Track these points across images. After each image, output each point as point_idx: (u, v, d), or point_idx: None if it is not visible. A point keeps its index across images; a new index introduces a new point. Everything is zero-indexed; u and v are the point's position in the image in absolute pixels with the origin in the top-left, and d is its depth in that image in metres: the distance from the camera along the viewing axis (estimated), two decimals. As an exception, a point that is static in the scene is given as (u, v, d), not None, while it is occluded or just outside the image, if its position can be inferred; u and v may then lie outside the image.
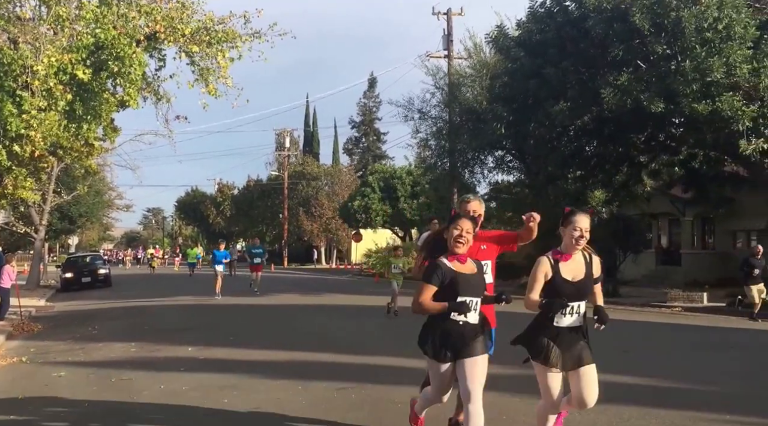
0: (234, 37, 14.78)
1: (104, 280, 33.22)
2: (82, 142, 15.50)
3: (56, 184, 34.32)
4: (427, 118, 30.48)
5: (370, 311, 18.69)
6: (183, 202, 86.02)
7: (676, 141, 19.90)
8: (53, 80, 12.78)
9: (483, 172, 29.67)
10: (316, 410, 7.08)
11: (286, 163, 65.40)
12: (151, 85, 15.43)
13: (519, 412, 6.78)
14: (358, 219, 48.45)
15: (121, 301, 22.96)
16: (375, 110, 77.05)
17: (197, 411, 7.22)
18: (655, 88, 16.10)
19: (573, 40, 18.65)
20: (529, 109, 20.24)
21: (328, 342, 12.01)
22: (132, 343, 12.56)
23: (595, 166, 21.83)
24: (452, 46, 32.35)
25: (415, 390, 7.81)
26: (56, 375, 9.72)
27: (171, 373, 9.44)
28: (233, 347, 11.63)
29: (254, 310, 18.71)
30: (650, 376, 8.62)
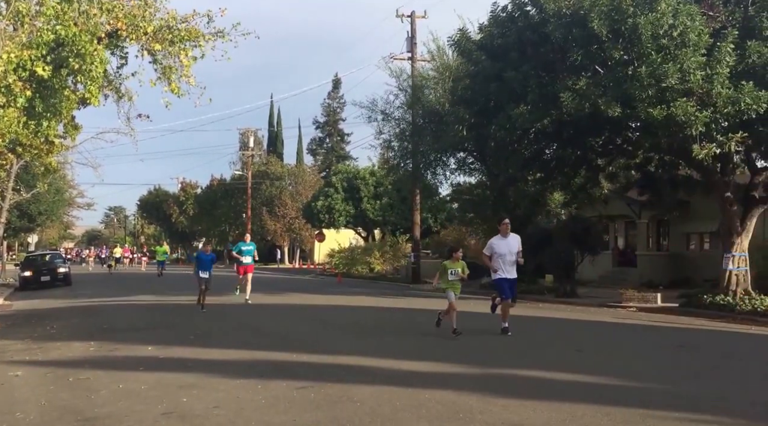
0: (197, 35, 14.74)
1: (64, 279, 32.75)
2: (41, 139, 15.31)
3: (15, 181, 33.74)
4: (390, 119, 30.68)
5: (332, 311, 18.78)
6: (145, 201, 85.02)
7: (632, 145, 20.29)
8: (12, 77, 12.62)
9: (445, 173, 29.99)
10: (275, 409, 7.16)
11: (249, 163, 65.02)
12: (113, 83, 15.32)
13: (475, 410, 6.94)
14: (322, 219, 48.45)
15: (80, 300, 22.68)
16: (339, 111, 77.16)
17: (155, 410, 7.24)
18: (613, 93, 16.41)
19: (533, 44, 18.92)
20: (490, 111, 20.46)
21: (290, 341, 12.07)
22: (91, 342, 12.46)
23: (554, 169, 22.16)
24: (416, 49, 32.61)
25: (374, 389, 7.95)
26: (12, 374, 9.62)
27: (130, 372, 9.43)
28: (193, 346, 11.62)
29: (216, 309, 18.65)
30: (603, 375, 8.87)
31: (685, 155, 17.80)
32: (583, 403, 7.16)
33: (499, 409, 6.99)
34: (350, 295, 23.73)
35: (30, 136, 14.35)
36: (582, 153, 21.04)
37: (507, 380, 8.57)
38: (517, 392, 7.70)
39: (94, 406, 7.52)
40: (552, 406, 7.10)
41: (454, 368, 9.35)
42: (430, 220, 43.58)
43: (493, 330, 12.94)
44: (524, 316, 16.50)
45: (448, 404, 7.21)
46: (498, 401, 7.31)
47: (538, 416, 6.71)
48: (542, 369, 9.17)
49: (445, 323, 12.52)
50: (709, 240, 26.27)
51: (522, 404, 7.15)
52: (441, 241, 43.47)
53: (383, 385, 8.18)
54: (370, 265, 40.16)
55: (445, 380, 8.49)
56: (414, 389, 7.92)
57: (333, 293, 24.81)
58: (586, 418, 6.66)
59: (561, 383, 8.43)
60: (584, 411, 6.90)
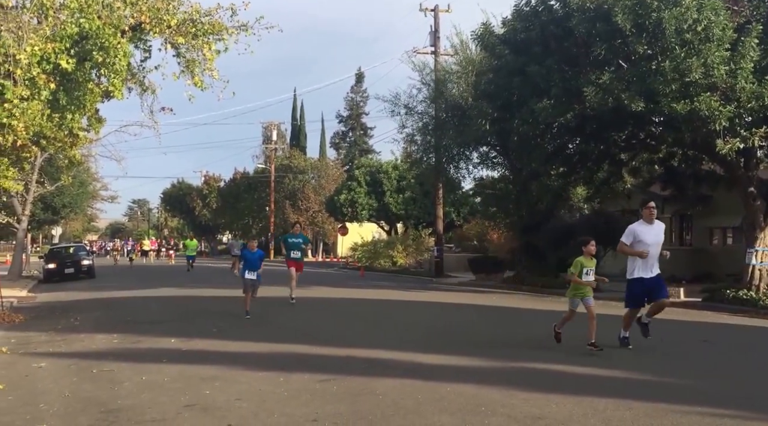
0: (220, 29, 14.78)
1: (87, 272, 33.11)
2: (65, 132, 15.46)
3: (39, 174, 34.14)
4: (413, 113, 30.60)
5: (354, 304, 18.80)
6: (169, 194, 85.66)
7: (655, 139, 20.09)
8: (36, 69, 12.73)
9: (468, 167, 29.89)
10: (297, 401, 7.18)
11: (272, 156, 65.31)
12: (136, 76, 15.41)
13: (497, 404, 6.91)
14: (344, 212, 48.51)
15: (104, 293, 22.92)
16: (362, 105, 77.17)
17: (178, 402, 7.29)
18: (636, 88, 16.25)
19: (557, 38, 18.77)
20: (513, 106, 20.37)
21: (311, 334, 12.10)
22: (114, 334, 12.58)
23: (577, 163, 22.01)
24: (439, 43, 32.52)
25: (396, 382, 7.95)
26: (37, 366, 9.74)
27: (153, 364, 9.50)
28: (215, 339, 11.69)
29: (238, 302, 18.75)
30: (625, 369, 8.79)
31: (709, 150, 17.59)
32: (605, 397, 7.11)
33: (521, 402, 6.96)
34: (373, 289, 23.76)
35: (54, 128, 14.48)
36: (605, 147, 20.89)
37: (529, 374, 8.53)
38: (539, 386, 7.67)
39: (117, 397, 7.60)
40: (574, 399, 7.05)
41: (476, 362, 9.32)
42: (452, 214, 43.47)
43: (515, 323, 12.85)
44: (546, 310, 16.43)
45: (469, 397, 7.20)
46: (520, 394, 7.27)
47: (560, 410, 6.67)
48: (564, 363, 9.12)
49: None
50: (732, 235, 25.94)
51: (544, 398, 7.11)
52: (464, 235, 43.36)
53: (405, 378, 8.17)
54: (392, 258, 40.16)
55: (467, 373, 8.47)
56: (436, 382, 7.91)
57: (355, 286, 24.85)
58: (608, 411, 6.61)
59: (582, 377, 8.37)
60: (606, 405, 6.85)
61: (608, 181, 23.15)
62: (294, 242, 17.64)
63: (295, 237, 17.83)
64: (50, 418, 6.76)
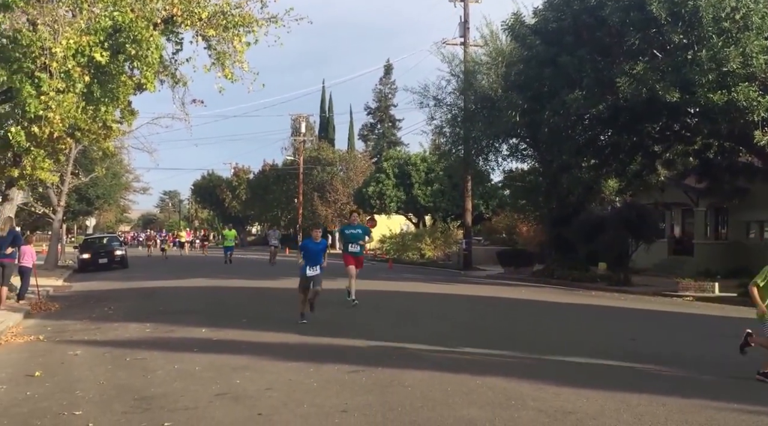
0: (250, 21, 14.84)
1: (121, 262, 33.58)
2: (99, 124, 15.64)
3: (74, 165, 34.66)
4: (442, 105, 30.48)
5: (382, 296, 18.81)
6: (199, 186, 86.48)
7: (690, 131, 19.81)
8: (71, 62, 12.90)
9: (497, 159, 29.75)
10: (326, 392, 7.21)
11: (301, 148, 65.53)
12: (168, 69, 15.54)
13: (527, 397, 6.87)
14: (373, 205, 48.53)
15: (136, 283, 23.22)
16: (390, 97, 77.06)
17: (210, 390, 7.37)
18: (671, 78, 16.02)
19: (589, 28, 18.56)
20: (544, 97, 20.20)
21: (341, 326, 12.13)
22: (147, 323, 12.74)
23: (609, 155, 21.79)
24: (468, 34, 32.29)
25: (425, 374, 7.94)
26: (72, 353, 9.91)
27: (184, 353, 9.60)
28: (246, 329, 11.78)
29: (267, 293, 18.89)
30: (658, 364, 8.69)
31: (746, 141, 17.29)
32: (637, 392, 7.03)
33: (552, 396, 6.91)
34: (401, 281, 23.76)
35: (88, 120, 14.66)
36: (638, 139, 20.66)
37: (559, 368, 8.46)
38: (570, 380, 7.60)
39: (150, 385, 7.69)
40: (605, 394, 6.98)
41: (505, 355, 9.28)
42: (481, 207, 43.28)
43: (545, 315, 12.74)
44: (576, 304, 16.31)
45: (499, 390, 7.16)
46: (550, 389, 7.22)
47: (591, 405, 6.61)
48: (595, 357, 9.04)
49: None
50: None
51: (575, 392, 7.05)
52: (493, 228, 43.15)
53: (434, 370, 8.16)
54: (420, 251, 40.12)
55: (497, 367, 8.43)
56: (465, 375, 7.88)
57: (384, 279, 24.85)
58: (641, 407, 6.53)
59: (615, 371, 8.29)
60: (639, 400, 6.77)
61: (641, 173, 22.88)
62: (353, 234, 15.16)
63: (353, 228, 15.30)
64: (86, 405, 6.87)
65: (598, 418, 6.17)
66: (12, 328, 12.60)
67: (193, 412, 6.54)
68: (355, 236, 15.11)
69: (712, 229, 28.70)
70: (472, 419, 6.14)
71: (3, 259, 15.69)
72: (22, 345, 10.98)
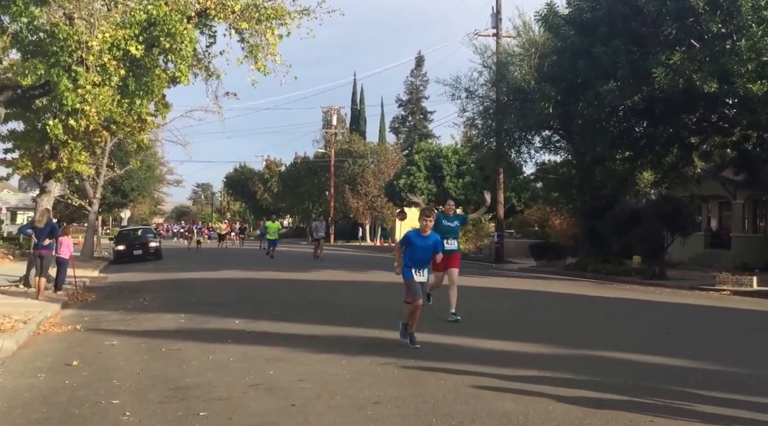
0: (283, 13, 14.87)
1: (155, 253, 34.04)
2: (134, 117, 15.84)
3: (109, 158, 35.18)
4: (474, 97, 30.29)
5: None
6: (231, 178, 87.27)
7: (728, 122, 19.43)
8: (107, 56, 13.06)
9: (529, 151, 29.50)
10: (359, 384, 7.21)
11: (332, 141, 65.72)
12: (202, 62, 15.65)
13: (562, 390, 6.80)
14: (404, 197, 48.50)
15: (170, 274, 23.49)
16: (422, 89, 76.92)
17: (243, 381, 7.42)
18: (709, 68, 15.72)
19: (624, 18, 18.29)
20: (577, 88, 19.97)
21: (373, 318, 12.13)
22: (181, 314, 12.88)
23: (645, 147, 21.48)
24: (501, 25, 32.03)
25: (457, 366, 7.91)
26: (109, 343, 10.05)
27: (218, 344, 9.68)
28: (278, 321, 11.85)
29: (300, 285, 18.97)
30: (693, 359, 8.54)
31: (787, 133, 16.92)
32: (672, 386, 6.93)
33: (586, 390, 6.83)
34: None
35: (123, 114, 14.85)
36: (674, 130, 20.33)
37: (593, 362, 8.37)
38: (603, 374, 7.51)
39: (185, 376, 7.77)
40: (641, 389, 6.89)
41: (538, 348, 9.21)
42: (513, 200, 43.00)
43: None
44: (611, 298, 16.12)
45: (534, 384, 7.10)
46: (587, 382, 7.14)
47: (628, 399, 6.53)
48: (629, 351, 8.93)
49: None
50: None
51: (611, 386, 6.97)
52: (525, 221, 42.85)
53: (466, 363, 8.13)
54: (452, 244, 39.96)
55: (529, 360, 8.37)
56: (497, 367, 7.84)
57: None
58: (677, 402, 6.43)
59: (647, 365, 8.17)
60: (674, 395, 6.67)
61: (677, 165, 22.52)
62: (449, 227, 11.80)
63: (449, 219, 11.96)
64: (122, 394, 6.97)
65: (633, 410, 6.09)
66: (50, 318, 12.83)
67: (227, 402, 6.60)
68: (453, 230, 11.89)
69: (750, 222, 28.18)
70: (506, 412, 6.09)
71: (41, 250, 15.98)
72: (60, 335, 11.17)
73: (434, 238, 9.40)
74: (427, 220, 9.30)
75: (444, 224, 11.70)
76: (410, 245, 9.34)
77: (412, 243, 9.32)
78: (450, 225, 11.88)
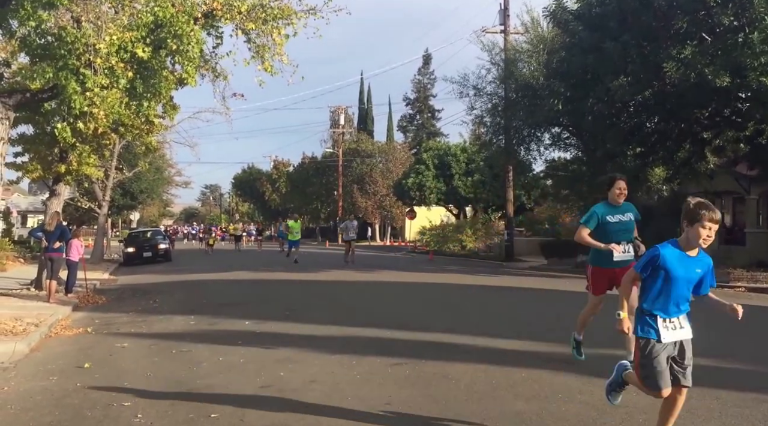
0: (289, 13, 14.80)
1: (164, 255, 34.16)
2: (142, 119, 15.82)
3: (118, 160, 35.29)
4: (482, 94, 30.14)
5: (424, 288, 18.73)
6: (239, 179, 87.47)
7: (741, 116, 19.25)
8: (115, 58, 13.04)
9: (539, 149, 29.31)
10: (370, 384, 7.16)
11: (340, 141, 65.71)
12: (209, 63, 15.61)
13: (574, 390, 6.72)
14: (412, 196, 48.41)
15: (180, 276, 23.53)
16: (429, 87, 76.77)
17: (254, 383, 7.38)
18: (721, 62, 15.57)
19: (634, 12, 18.14)
20: (587, 84, 19.84)
21: (383, 318, 12.08)
22: (191, 316, 12.87)
23: (656, 143, 21.30)
24: (509, 21, 31.88)
25: (469, 366, 7.83)
26: (120, 345, 10.05)
27: (228, 346, 9.66)
28: (288, 322, 11.81)
29: (309, 285, 18.94)
30: (709, 357, 8.39)
31: (801, 127, 16.75)
32: (693, 386, 6.81)
33: (600, 389, 6.71)
34: (443, 273, 23.65)
35: (131, 116, 14.83)
36: (686, 126, 20.15)
37: (608, 360, 8.25)
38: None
39: (196, 377, 7.74)
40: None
41: (551, 347, 9.12)
42: (523, 197, 42.83)
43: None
44: (623, 296, 15.99)
45: (546, 384, 7.03)
46: (598, 381, 7.02)
47: (641, 398, 6.41)
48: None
49: None
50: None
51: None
52: (535, 219, 42.69)
53: (478, 363, 8.05)
54: (461, 242, 39.88)
55: (542, 359, 8.29)
56: (510, 367, 7.76)
57: (425, 271, 24.78)
58: (693, 401, 6.32)
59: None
60: (689, 393, 6.55)
61: (689, 161, 22.33)
62: (620, 225, 7.42)
63: (618, 211, 7.46)
64: (134, 396, 6.94)
65: (649, 412, 5.99)
66: (61, 320, 12.84)
67: (238, 404, 6.56)
68: (625, 227, 7.42)
69: (764, 218, 27.91)
70: (518, 412, 6.03)
71: (51, 253, 16.01)
72: (71, 337, 11.18)
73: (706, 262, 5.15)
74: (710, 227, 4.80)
75: (610, 222, 7.36)
76: (666, 274, 5.06)
77: (670, 270, 5.02)
78: (621, 221, 7.41)
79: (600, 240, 7.27)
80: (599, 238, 7.28)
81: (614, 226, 7.32)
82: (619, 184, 7.44)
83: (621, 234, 7.32)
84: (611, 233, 7.29)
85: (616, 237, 7.26)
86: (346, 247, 28.61)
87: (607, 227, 7.32)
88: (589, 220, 7.40)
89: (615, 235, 7.28)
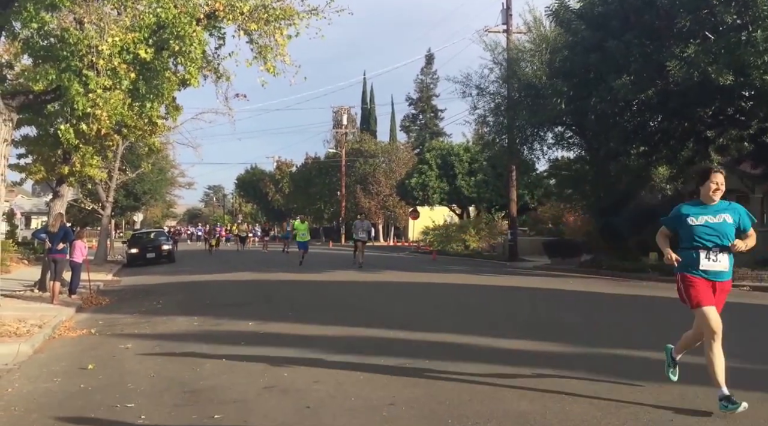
0: (292, 14, 14.79)
1: (168, 256, 34.19)
2: (145, 120, 15.84)
3: (121, 162, 35.31)
4: (485, 94, 30.12)
5: (428, 288, 18.72)
6: (243, 180, 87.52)
7: (745, 115, 19.20)
8: (117, 60, 13.05)
9: (542, 148, 29.24)
10: (373, 385, 7.15)
11: (343, 141, 65.72)
12: (211, 64, 15.60)
13: (580, 390, 6.70)
14: (416, 196, 48.42)
15: (183, 277, 23.55)
16: (432, 87, 76.78)
17: (258, 383, 7.37)
18: (724, 60, 15.53)
19: (637, 11, 18.11)
20: (590, 83, 19.82)
21: (387, 319, 12.07)
22: (194, 317, 12.87)
23: (659, 142, 21.26)
24: (511, 20, 31.88)
25: (473, 366, 7.82)
26: (123, 347, 10.05)
27: (232, 346, 9.65)
28: (291, 322, 11.81)
29: (313, 286, 18.94)
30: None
31: (805, 125, 16.71)
32: (695, 385, 6.79)
33: (605, 390, 6.72)
34: (447, 273, 23.63)
35: (134, 117, 14.85)
36: (689, 124, 20.10)
37: (613, 361, 8.25)
38: (625, 373, 7.38)
39: (199, 378, 7.74)
40: (660, 387, 6.78)
41: (557, 347, 9.09)
42: (526, 197, 42.80)
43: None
44: (628, 295, 15.97)
45: (550, 384, 7.01)
46: (603, 382, 7.03)
47: (645, 397, 6.42)
48: (651, 349, 8.77)
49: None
50: (830, 215, 24.60)
51: (628, 385, 6.87)
52: (538, 218, 42.67)
53: (482, 363, 8.03)
54: (465, 242, 39.87)
55: (547, 359, 8.26)
56: (515, 367, 7.74)
57: (429, 271, 24.76)
58: (698, 400, 6.32)
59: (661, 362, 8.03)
60: (695, 392, 6.55)
61: (693, 159, 22.26)
62: (702, 227, 6.06)
63: (706, 211, 6.13)
64: (138, 397, 6.94)
65: (654, 412, 5.97)
66: (65, 322, 12.86)
67: (242, 404, 6.55)
68: (715, 231, 6.09)
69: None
70: (522, 413, 6.01)
71: (54, 254, 16.03)
72: (75, 338, 11.19)
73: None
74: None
75: (691, 223, 6.13)
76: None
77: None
78: (709, 223, 6.09)
79: (684, 244, 6.21)
80: (684, 241, 6.22)
81: (697, 230, 6.06)
82: (716, 178, 6.04)
83: (707, 239, 6.04)
84: (694, 237, 6.10)
85: (701, 242, 6.05)
86: (355, 247, 27.75)
87: (692, 230, 6.09)
88: (668, 220, 6.50)
89: (699, 240, 6.07)
